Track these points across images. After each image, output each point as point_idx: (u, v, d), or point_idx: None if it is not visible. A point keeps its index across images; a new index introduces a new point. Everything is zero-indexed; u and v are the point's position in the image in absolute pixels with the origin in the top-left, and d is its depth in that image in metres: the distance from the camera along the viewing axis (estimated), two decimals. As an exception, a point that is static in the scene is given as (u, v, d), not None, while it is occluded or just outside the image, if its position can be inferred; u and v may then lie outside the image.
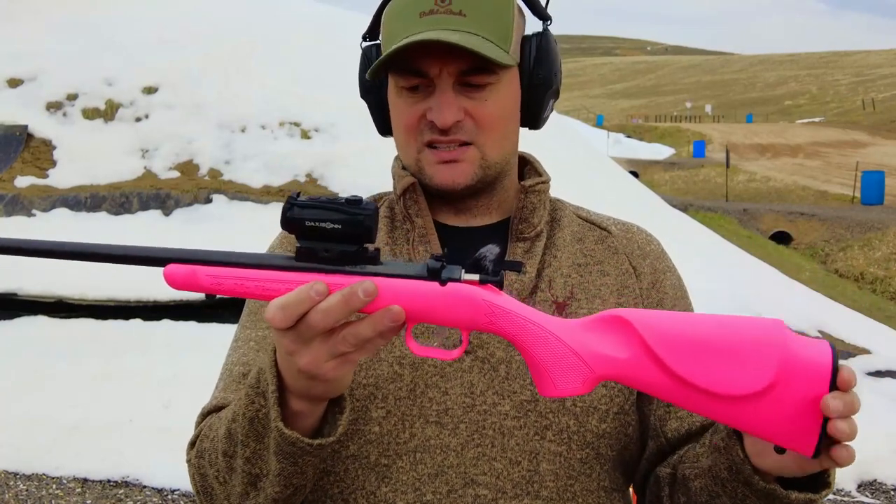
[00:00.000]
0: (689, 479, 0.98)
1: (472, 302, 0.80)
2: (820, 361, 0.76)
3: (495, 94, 1.02)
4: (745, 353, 0.76)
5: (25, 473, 4.39)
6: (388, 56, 0.98)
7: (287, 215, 0.78)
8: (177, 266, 0.80)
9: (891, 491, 4.83)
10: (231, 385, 1.07)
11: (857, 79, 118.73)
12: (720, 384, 0.76)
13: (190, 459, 1.03)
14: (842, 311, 8.36)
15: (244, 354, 1.08)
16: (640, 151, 45.68)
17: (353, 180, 7.72)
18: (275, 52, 9.35)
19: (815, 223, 19.50)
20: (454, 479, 0.99)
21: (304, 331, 0.78)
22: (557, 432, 1.00)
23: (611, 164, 11.25)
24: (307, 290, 0.77)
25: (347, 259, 0.79)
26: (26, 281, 6.15)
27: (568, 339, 0.80)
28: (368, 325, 0.78)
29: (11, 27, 9.56)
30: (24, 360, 5.46)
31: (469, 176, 1.04)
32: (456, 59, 0.99)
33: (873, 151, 38.61)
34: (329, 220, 0.77)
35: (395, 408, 1.00)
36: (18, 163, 7.83)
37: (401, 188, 1.09)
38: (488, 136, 1.03)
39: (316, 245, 0.79)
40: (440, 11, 0.99)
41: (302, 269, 0.80)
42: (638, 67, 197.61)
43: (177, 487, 4.29)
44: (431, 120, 1.01)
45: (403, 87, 1.04)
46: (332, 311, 0.77)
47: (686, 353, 0.77)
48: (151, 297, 6.13)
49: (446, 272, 0.80)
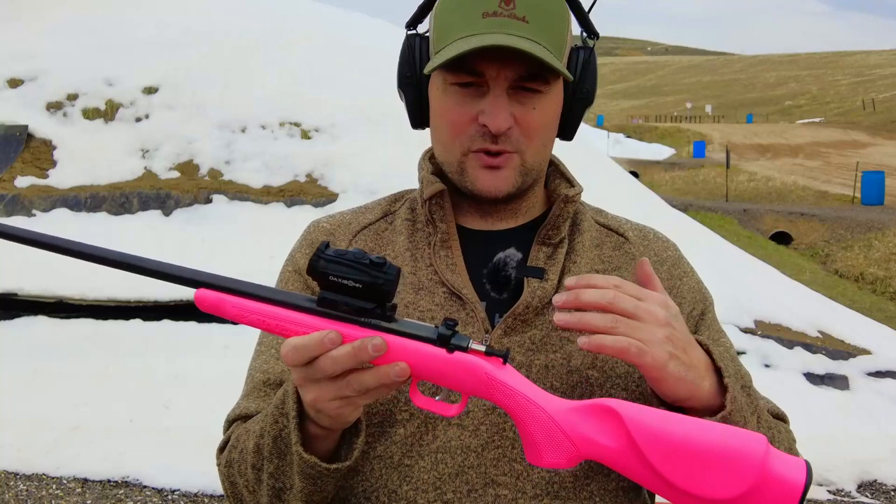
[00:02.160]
0: None
1: (474, 373, 0.85)
2: (794, 479, 0.81)
3: (543, 103, 1.03)
4: (726, 460, 0.81)
5: (25, 473, 4.39)
6: (459, 55, 0.97)
7: (313, 265, 0.83)
8: (206, 291, 0.86)
9: (891, 491, 4.82)
10: (253, 392, 1.10)
11: (858, 79, 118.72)
12: (696, 487, 0.81)
13: (220, 465, 1.08)
14: (842, 312, 8.36)
15: (265, 362, 1.11)
16: (640, 152, 45.66)
17: (354, 180, 7.72)
18: (275, 53, 9.35)
19: (816, 223, 19.50)
20: (475, 479, 1.01)
21: (312, 372, 0.84)
22: None
23: (611, 165, 11.24)
24: (321, 337, 0.82)
25: (364, 314, 0.84)
26: (26, 281, 6.15)
27: (560, 419, 0.86)
28: (373, 376, 0.83)
29: (11, 27, 9.56)
30: (24, 360, 5.46)
31: (511, 183, 1.05)
32: (516, 65, 0.99)
33: (873, 152, 38.61)
34: (351, 279, 0.82)
35: (418, 411, 1.03)
36: (18, 163, 7.83)
37: (429, 193, 1.09)
38: (531, 143, 1.04)
39: (337, 297, 0.84)
40: (504, 14, 0.98)
41: (321, 314, 0.85)
42: (638, 68, 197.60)
43: (177, 487, 4.28)
44: (484, 123, 1.01)
45: (453, 84, 1.03)
46: (341, 360, 0.82)
47: (669, 452, 0.82)
48: (152, 298, 6.13)
49: (455, 340, 0.85)
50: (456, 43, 0.99)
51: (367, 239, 1.14)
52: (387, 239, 1.14)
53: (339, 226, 1.16)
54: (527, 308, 1.04)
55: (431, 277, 1.08)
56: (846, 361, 6.60)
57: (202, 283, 0.86)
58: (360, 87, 8.56)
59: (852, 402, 5.90)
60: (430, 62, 1.04)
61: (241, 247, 6.61)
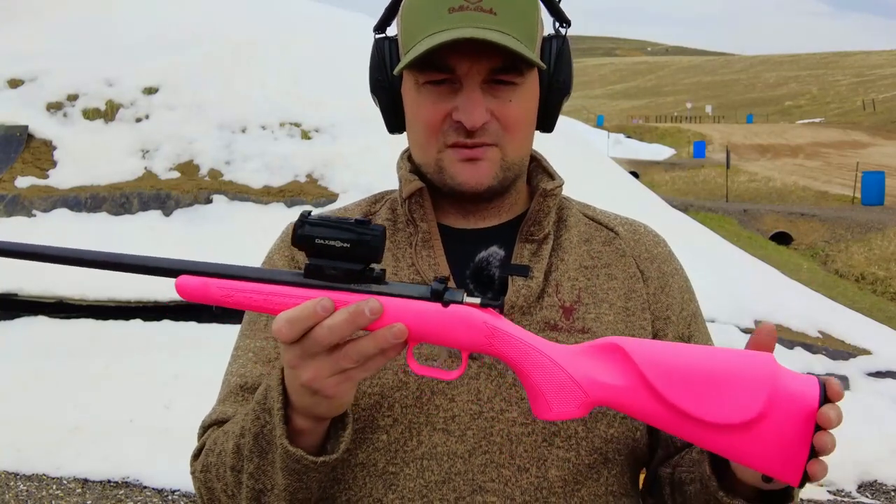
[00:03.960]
0: (685, 483, 1.00)
1: (472, 324, 0.82)
2: (808, 395, 0.78)
3: (519, 95, 1.01)
4: (736, 384, 0.79)
5: (26, 474, 4.39)
6: (427, 52, 0.94)
7: (298, 232, 0.81)
8: (189, 277, 0.83)
9: (891, 491, 4.82)
10: (229, 398, 1.06)
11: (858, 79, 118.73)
12: (711, 413, 0.79)
13: (195, 472, 1.03)
14: (842, 312, 8.36)
15: (242, 366, 1.07)
16: (640, 152, 45.65)
17: (354, 180, 7.72)
18: (275, 53, 9.35)
19: (816, 224, 19.50)
20: (462, 486, 0.98)
21: (308, 346, 0.80)
22: (566, 438, 1.00)
23: (611, 165, 11.25)
24: (314, 305, 0.78)
25: (353, 278, 0.81)
26: (27, 281, 6.15)
27: (565, 364, 0.82)
28: (371, 341, 0.79)
29: (11, 27, 9.57)
30: (25, 361, 5.46)
31: (492, 177, 1.02)
32: (488, 58, 0.97)
33: (874, 152, 38.61)
34: (338, 239, 0.80)
35: (401, 416, 0.99)
36: (19, 163, 7.83)
37: (407, 192, 1.06)
38: (511, 137, 1.02)
39: (324, 263, 0.81)
40: (470, 8, 0.96)
41: (309, 285, 0.82)
42: (638, 68, 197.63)
43: (177, 488, 4.29)
44: (458, 120, 0.99)
45: (425, 83, 1.00)
46: (338, 327, 0.78)
47: (679, 382, 0.80)
48: (152, 298, 6.14)
49: (449, 294, 0.82)
50: (424, 41, 0.96)
51: None
52: None
53: None
54: (511, 307, 1.02)
55: (413, 278, 1.05)
56: (846, 362, 6.61)
57: (182, 270, 0.83)
58: (360, 87, 8.49)
59: (852, 403, 5.90)
60: (400, 62, 1.01)
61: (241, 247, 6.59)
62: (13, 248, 0.85)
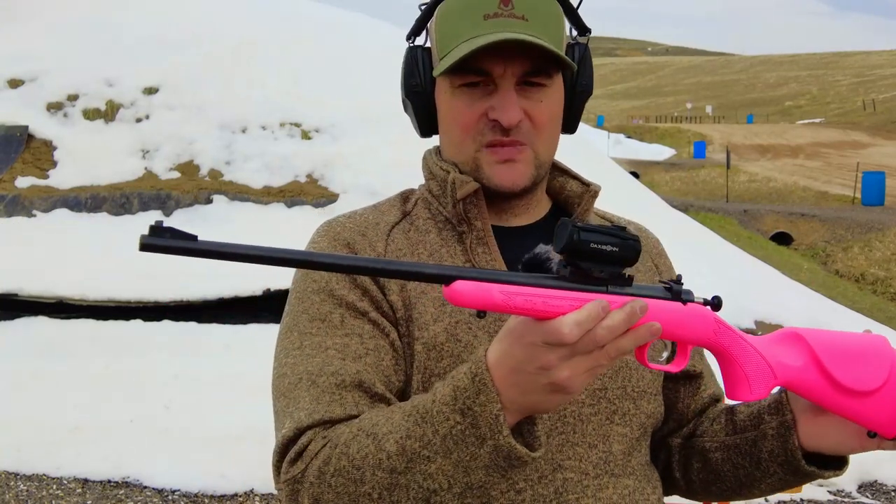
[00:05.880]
0: (709, 451, 1.15)
1: (705, 320, 0.94)
2: None
3: (549, 96, 1.08)
4: (872, 359, 1.01)
5: (26, 474, 4.39)
6: (471, 53, 1.00)
7: (574, 238, 0.84)
8: (466, 283, 0.84)
9: (891, 491, 4.82)
10: (325, 397, 1.01)
11: (858, 79, 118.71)
12: (857, 383, 1.00)
13: (293, 477, 0.98)
14: (842, 312, 8.36)
15: (327, 364, 1.03)
16: (640, 152, 45.67)
17: (354, 180, 7.72)
18: (275, 53, 9.35)
19: (816, 224, 19.50)
20: (543, 466, 1.05)
21: (581, 345, 0.83)
22: (622, 415, 1.10)
23: (611, 165, 11.25)
24: (597, 307, 0.83)
25: (615, 280, 0.88)
26: (27, 282, 6.15)
27: (764, 352, 0.98)
28: (631, 338, 0.85)
29: (11, 27, 9.56)
30: (25, 361, 5.46)
31: (527, 177, 1.09)
32: (521, 60, 1.03)
33: (874, 152, 38.61)
34: (609, 244, 0.85)
35: None
36: (19, 163, 7.83)
37: (462, 193, 1.09)
38: (541, 137, 1.08)
39: (592, 266, 0.86)
40: (504, 15, 1.03)
41: (581, 289, 0.86)
42: (638, 68, 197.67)
43: (177, 488, 4.28)
44: (494, 119, 1.05)
45: (461, 85, 1.06)
46: (616, 327, 0.83)
47: (841, 358, 1.00)
48: (152, 298, 6.14)
49: (685, 294, 0.92)
50: (462, 45, 1.03)
51: (398, 239, 1.12)
52: (414, 239, 1.13)
53: (366, 226, 1.13)
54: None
55: None
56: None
57: (456, 276, 0.84)
58: (360, 87, 8.56)
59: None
60: (439, 65, 1.06)
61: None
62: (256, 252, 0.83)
